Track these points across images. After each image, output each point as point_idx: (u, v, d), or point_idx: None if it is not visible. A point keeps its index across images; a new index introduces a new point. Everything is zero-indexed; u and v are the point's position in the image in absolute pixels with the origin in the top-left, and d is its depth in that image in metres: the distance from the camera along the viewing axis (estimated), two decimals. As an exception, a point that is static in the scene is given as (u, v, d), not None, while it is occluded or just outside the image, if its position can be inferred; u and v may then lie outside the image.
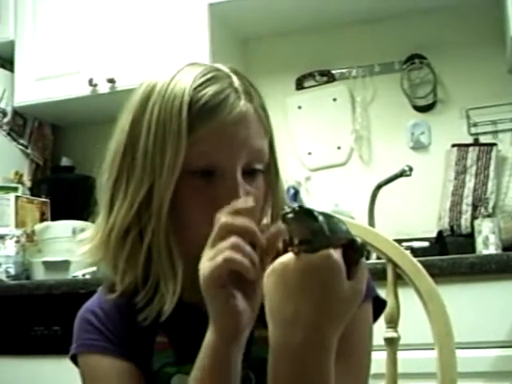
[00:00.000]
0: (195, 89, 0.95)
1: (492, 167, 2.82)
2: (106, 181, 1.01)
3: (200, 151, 0.94)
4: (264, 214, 1.03)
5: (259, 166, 0.99)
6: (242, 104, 0.97)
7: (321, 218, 0.80)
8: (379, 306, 1.09)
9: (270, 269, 0.82)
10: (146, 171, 0.95)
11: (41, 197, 3.19)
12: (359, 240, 0.83)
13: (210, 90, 0.96)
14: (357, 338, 0.97)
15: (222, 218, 0.86)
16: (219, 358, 0.87)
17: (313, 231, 0.79)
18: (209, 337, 0.88)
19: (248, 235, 0.85)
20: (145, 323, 0.97)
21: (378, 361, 1.32)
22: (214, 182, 0.95)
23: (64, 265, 2.64)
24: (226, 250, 0.84)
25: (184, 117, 0.94)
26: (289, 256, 0.80)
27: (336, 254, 0.79)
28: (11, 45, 3.20)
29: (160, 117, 0.95)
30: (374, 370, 1.09)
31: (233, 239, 0.84)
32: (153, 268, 0.98)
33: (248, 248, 0.85)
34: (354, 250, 0.82)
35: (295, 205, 0.81)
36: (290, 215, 0.80)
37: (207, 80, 0.97)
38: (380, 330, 1.30)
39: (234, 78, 0.99)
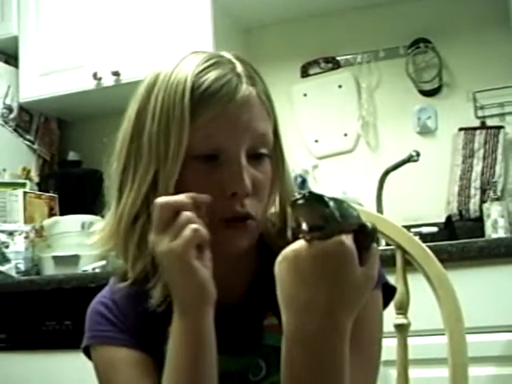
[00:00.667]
0: (197, 74, 0.96)
1: (500, 150, 2.81)
2: (114, 170, 1.01)
3: (203, 136, 0.95)
4: (272, 200, 1.03)
5: (264, 151, 0.99)
6: (245, 88, 0.97)
7: (331, 203, 0.79)
8: (389, 292, 1.08)
9: (281, 256, 0.83)
10: (152, 157, 0.96)
11: (49, 192, 3.19)
12: (370, 225, 0.83)
13: (211, 75, 0.96)
14: (367, 325, 0.97)
15: (157, 201, 0.89)
16: (193, 329, 0.89)
17: (324, 217, 0.79)
18: (177, 319, 0.91)
19: (186, 208, 0.89)
20: (158, 309, 0.96)
21: (389, 347, 1.32)
22: (218, 167, 0.95)
23: (73, 259, 2.65)
24: (186, 224, 0.87)
25: (186, 103, 0.94)
26: (300, 243, 0.81)
27: (348, 240, 0.79)
28: (15, 41, 3.20)
29: (164, 103, 0.96)
30: (384, 356, 1.09)
31: (187, 214, 0.88)
32: None
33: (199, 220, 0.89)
34: (365, 235, 0.82)
35: (305, 191, 0.80)
36: (301, 201, 0.80)
37: (209, 66, 0.97)
38: (390, 317, 1.30)
39: (237, 64, 1.00)
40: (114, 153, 1.02)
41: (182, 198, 0.90)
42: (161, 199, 0.89)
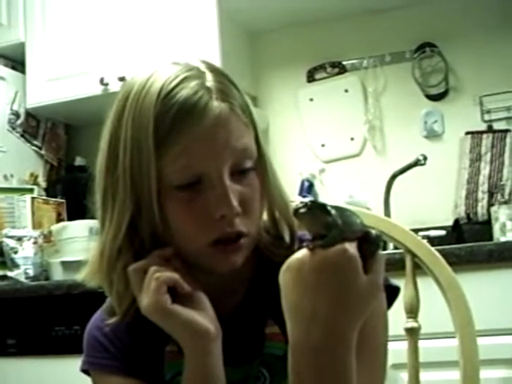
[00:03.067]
0: (164, 99, 0.91)
1: (507, 154, 2.81)
2: (97, 198, 0.99)
3: (181, 166, 0.91)
4: (262, 210, 1.00)
5: (248, 164, 0.95)
6: (215, 106, 0.92)
7: (334, 211, 0.79)
8: (392, 292, 1.06)
9: (285, 265, 0.82)
10: (128, 193, 0.93)
11: (56, 197, 3.20)
12: (374, 232, 0.83)
13: (179, 97, 0.91)
14: (372, 330, 0.95)
15: (129, 269, 0.92)
16: (198, 369, 0.92)
17: (327, 226, 0.79)
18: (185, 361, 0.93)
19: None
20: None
21: (400, 351, 1.33)
22: (202, 191, 0.92)
23: (82, 264, 2.64)
24: (151, 278, 0.90)
25: (150, 136, 0.90)
26: (303, 252, 0.80)
27: (351, 247, 0.79)
28: (22, 47, 3.21)
29: (133, 133, 0.92)
30: (395, 360, 1.09)
31: (151, 269, 0.91)
32: None
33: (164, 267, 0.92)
34: (369, 243, 0.82)
35: (307, 199, 0.80)
36: (303, 210, 0.79)
37: (176, 85, 0.92)
38: (400, 321, 1.30)
39: (208, 76, 0.95)
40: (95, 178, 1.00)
41: (148, 259, 0.93)
42: (131, 266, 0.93)
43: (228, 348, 0.95)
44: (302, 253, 0.81)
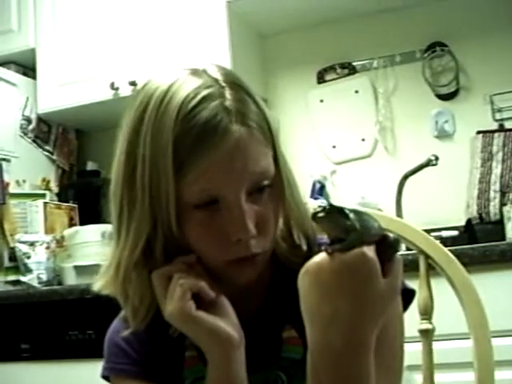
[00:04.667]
0: (183, 119, 0.89)
1: (518, 152, 2.80)
2: (112, 207, 0.98)
3: (199, 188, 0.90)
4: (277, 223, 0.99)
5: (265, 183, 0.94)
6: (234, 130, 0.90)
7: (352, 215, 0.79)
8: (408, 295, 1.06)
9: (303, 269, 0.82)
10: (146, 211, 0.92)
11: (68, 202, 3.21)
12: (392, 236, 0.83)
13: (199, 119, 0.89)
14: (389, 333, 0.95)
15: (153, 274, 0.93)
16: (221, 376, 0.92)
17: (345, 229, 0.79)
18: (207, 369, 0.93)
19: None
20: (174, 335, 0.98)
21: (414, 352, 1.32)
22: (219, 213, 0.92)
23: (94, 269, 2.60)
24: (176, 284, 0.91)
25: (169, 160, 0.89)
26: (322, 256, 0.80)
27: (370, 251, 0.79)
28: (32, 53, 3.23)
29: (152, 153, 0.90)
30: (410, 361, 1.09)
31: (176, 275, 0.92)
32: None
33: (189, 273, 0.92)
34: (387, 246, 0.82)
35: (325, 203, 0.80)
36: (321, 214, 0.80)
37: (196, 105, 0.90)
38: (414, 322, 1.30)
39: (228, 94, 0.92)
40: (110, 185, 0.98)
41: (171, 265, 0.93)
42: (155, 272, 0.93)
43: (246, 353, 0.95)
44: (320, 256, 0.81)
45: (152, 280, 0.93)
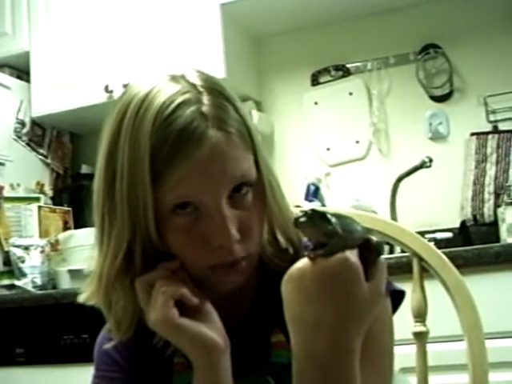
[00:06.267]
0: (159, 127, 0.88)
1: (513, 154, 2.80)
2: (95, 217, 0.97)
3: (177, 195, 0.89)
4: (262, 227, 0.98)
5: (246, 187, 0.93)
6: (211, 135, 0.89)
7: (334, 220, 0.79)
8: (397, 296, 1.06)
9: (286, 275, 0.82)
10: (125, 221, 0.92)
11: (63, 205, 3.21)
12: (375, 239, 0.83)
13: (175, 127, 0.88)
14: (377, 337, 0.95)
15: (136, 282, 0.92)
16: (207, 382, 0.91)
17: (327, 234, 0.79)
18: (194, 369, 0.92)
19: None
20: (159, 344, 0.98)
21: (408, 355, 1.32)
22: (200, 219, 0.91)
23: (84, 281, 2.63)
24: (158, 292, 0.90)
25: (146, 170, 0.88)
26: (304, 261, 0.80)
27: (352, 256, 0.79)
28: (26, 56, 3.23)
29: (129, 162, 0.90)
30: (403, 363, 1.09)
31: (159, 283, 0.90)
32: None
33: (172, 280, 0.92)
34: (370, 250, 0.81)
35: (307, 208, 0.80)
36: (303, 219, 0.79)
37: (172, 112, 0.89)
38: (408, 325, 1.30)
39: (205, 99, 0.91)
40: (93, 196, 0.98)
41: (155, 271, 0.92)
42: (138, 279, 0.92)
43: (234, 359, 0.94)
44: (302, 262, 0.81)
45: (135, 288, 0.93)
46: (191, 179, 0.88)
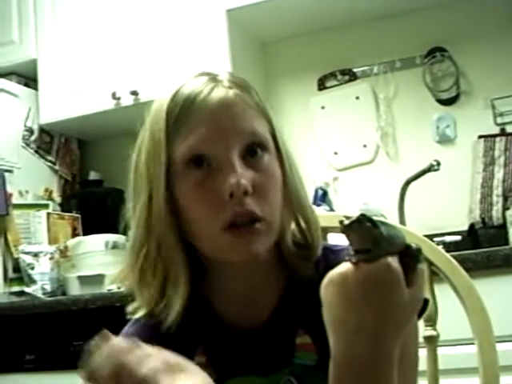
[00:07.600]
0: (175, 95, 0.95)
1: (521, 156, 2.80)
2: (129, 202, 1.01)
3: (190, 146, 0.93)
4: (280, 199, 0.98)
5: (261, 150, 0.95)
6: (221, 90, 0.95)
7: (381, 225, 0.79)
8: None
9: (327, 279, 0.82)
10: (143, 184, 0.96)
11: (71, 212, 3.22)
12: (415, 246, 0.83)
13: (188, 88, 0.95)
14: (409, 346, 0.95)
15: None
16: None
17: (375, 240, 0.78)
18: None
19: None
20: (170, 331, 0.96)
21: (419, 359, 1.32)
22: (212, 174, 0.93)
23: (98, 279, 2.66)
24: None
25: (162, 129, 0.94)
26: (347, 266, 0.80)
27: (394, 262, 0.79)
28: (34, 64, 3.24)
29: (149, 133, 0.96)
30: (414, 368, 1.09)
31: None
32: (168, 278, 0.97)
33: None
34: (410, 257, 0.81)
35: (357, 214, 0.79)
36: (355, 224, 0.78)
37: (187, 82, 0.97)
38: (419, 328, 1.30)
39: (222, 76, 0.99)
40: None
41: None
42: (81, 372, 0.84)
43: (258, 357, 0.94)
44: (345, 266, 0.80)
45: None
46: (201, 131, 0.93)
